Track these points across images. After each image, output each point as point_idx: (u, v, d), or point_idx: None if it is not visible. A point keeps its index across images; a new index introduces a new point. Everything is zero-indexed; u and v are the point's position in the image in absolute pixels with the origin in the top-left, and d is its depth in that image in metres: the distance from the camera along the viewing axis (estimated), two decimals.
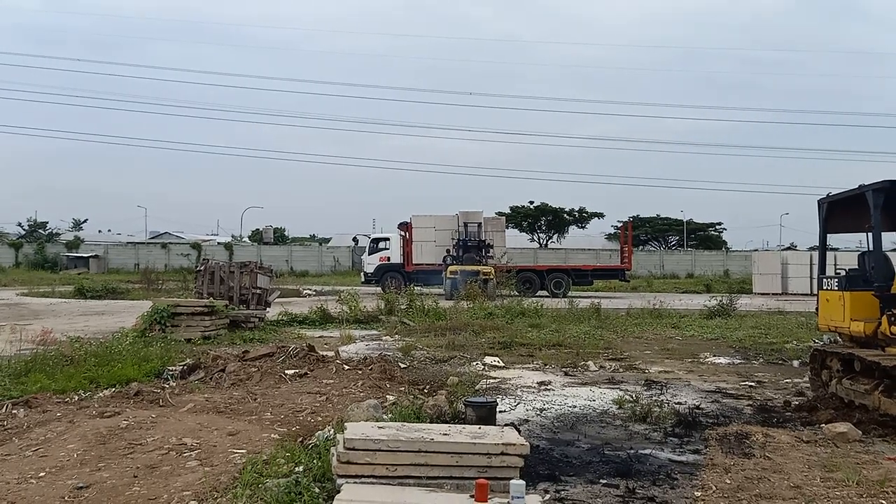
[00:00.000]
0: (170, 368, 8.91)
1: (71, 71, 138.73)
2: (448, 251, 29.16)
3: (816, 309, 8.32)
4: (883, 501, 4.60)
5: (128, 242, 63.16)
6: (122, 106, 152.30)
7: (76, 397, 7.44)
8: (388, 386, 8.16)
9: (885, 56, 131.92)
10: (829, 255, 9.24)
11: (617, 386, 9.08)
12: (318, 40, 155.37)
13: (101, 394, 7.64)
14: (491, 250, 29.65)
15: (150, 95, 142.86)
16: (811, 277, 30.19)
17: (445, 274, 27.27)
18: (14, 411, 6.65)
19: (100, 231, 79.02)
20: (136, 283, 31.88)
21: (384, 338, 13.96)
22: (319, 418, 6.60)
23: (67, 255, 51.60)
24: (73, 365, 8.75)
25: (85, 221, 76.52)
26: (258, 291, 15.77)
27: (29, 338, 10.48)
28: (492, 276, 25.92)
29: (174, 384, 8.19)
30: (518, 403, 7.93)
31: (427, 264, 29.71)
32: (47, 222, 68.44)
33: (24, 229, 65.51)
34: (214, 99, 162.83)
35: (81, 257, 51.04)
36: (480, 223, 30.28)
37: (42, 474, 4.86)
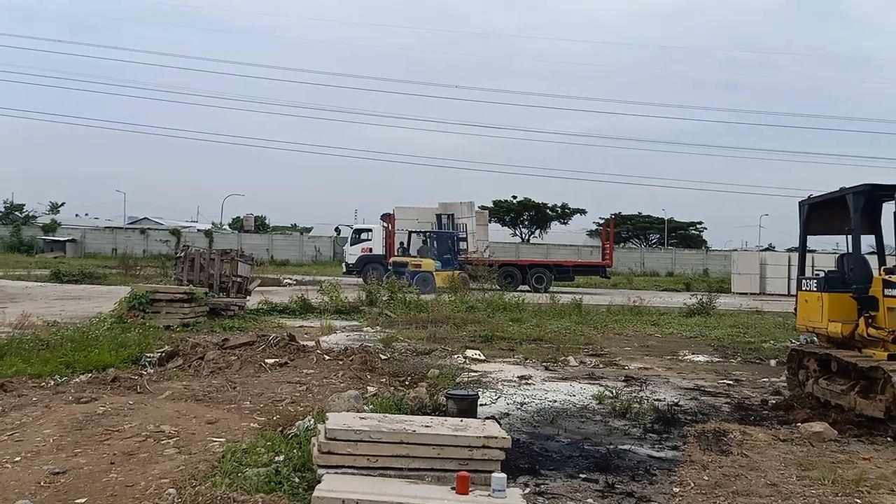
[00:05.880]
0: (148, 355, 8.82)
1: (49, 52, 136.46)
2: (402, 243, 28.88)
3: (795, 309, 8.40)
4: (858, 500, 4.68)
5: (106, 227, 62.11)
6: (100, 88, 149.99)
7: (52, 382, 7.34)
8: (368, 377, 8.13)
9: (864, 60, 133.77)
10: (808, 256, 9.34)
11: (597, 381, 9.12)
12: (300, 28, 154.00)
13: (77, 379, 7.54)
14: (463, 243, 29.31)
15: (129, 79, 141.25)
16: (789, 278, 30.49)
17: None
18: None
19: (77, 215, 77.85)
20: (114, 268, 31.49)
21: (365, 329, 13.91)
22: (299, 408, 6.55)
23: (44, 239, 50.80)
24: (50, 349, 8.64)
25: (62, 205, 75.30)
26: (238, 279, 15.66)
27: (5, 321, 10.31)
28: (423, 269, 25.23)
29: (152, 371, 8.12)
30: (499, 397, 7.95)
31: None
32: (24, 205, 67.43)
33: None
34: (195, 84, 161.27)
35: (58, 241, 50.26)
36: (452, 215, 29.95)
37: (17, 459, 4.79)
